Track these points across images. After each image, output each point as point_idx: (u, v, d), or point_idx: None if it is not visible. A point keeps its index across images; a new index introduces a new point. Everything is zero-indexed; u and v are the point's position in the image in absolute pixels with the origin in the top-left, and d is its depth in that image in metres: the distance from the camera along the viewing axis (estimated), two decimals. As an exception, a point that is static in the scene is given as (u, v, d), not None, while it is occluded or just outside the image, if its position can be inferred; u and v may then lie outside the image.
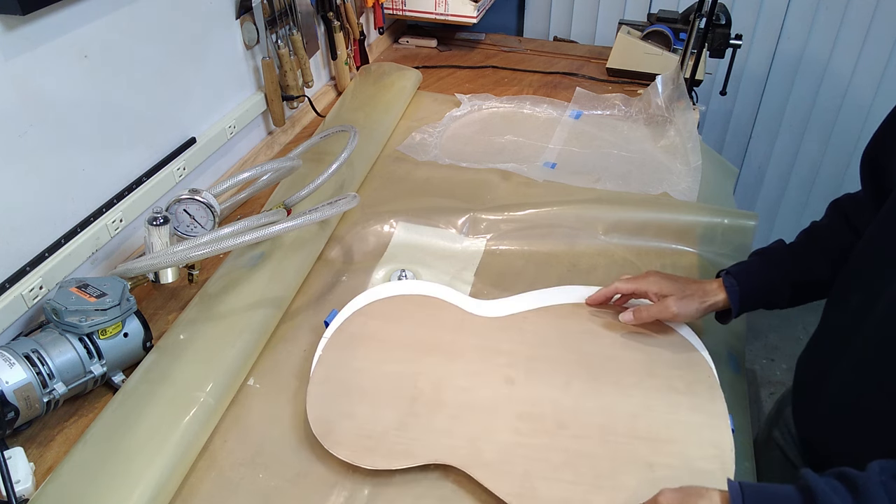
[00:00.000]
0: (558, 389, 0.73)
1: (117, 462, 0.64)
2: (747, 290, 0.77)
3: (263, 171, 0.95)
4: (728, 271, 0.80)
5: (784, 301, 0.80)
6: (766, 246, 0.82)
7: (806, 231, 0.82)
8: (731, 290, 0.78)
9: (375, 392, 0.73)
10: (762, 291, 0.78)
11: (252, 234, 0.78)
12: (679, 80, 1.31)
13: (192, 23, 1.00)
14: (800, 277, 0.78)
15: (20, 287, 0.78)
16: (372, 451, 0.67)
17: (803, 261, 0.79)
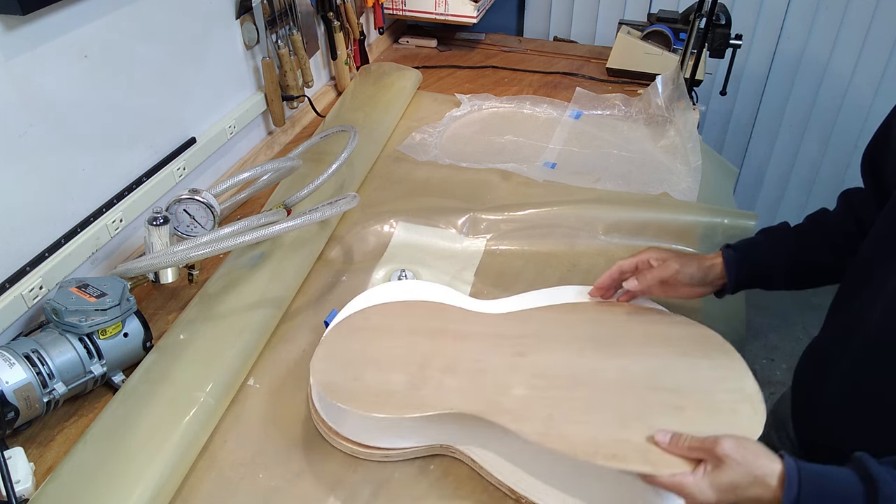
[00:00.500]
0: (573, 355, 0.72)
1: (117, 462, 0.64)
2: (746, 263, 0.77)
3: (263, 171, 0.95)
4: (729, 244, 0.80)
5: (781, 280, 0.79)
6: (772, 226, 0.82)
7: (812, 215, 0.82)
8: (728, 260, 0.78)
9: (383, 362, 0.71)
10: (761, 266, 0.78)
11: (252, 234, 0.78)
12: (679, 80, 1.31)
13: (192, 23, 1.00)
14: (800, 257, 0.78)
15: (20, 287, 0.78)
16: (384, 405, 0.65)
17: (805, 242, 0.79)
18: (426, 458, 0.70)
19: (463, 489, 0.67)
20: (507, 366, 0.71)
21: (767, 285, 0.80)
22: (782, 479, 0.54)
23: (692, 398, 0.66)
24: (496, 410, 0.65)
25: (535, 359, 0.72)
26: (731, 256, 0.78)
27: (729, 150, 2.11)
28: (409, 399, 0.66)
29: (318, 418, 0.72)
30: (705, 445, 0.57)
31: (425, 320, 0.78)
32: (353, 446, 0.69)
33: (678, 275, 0.77)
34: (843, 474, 0.54)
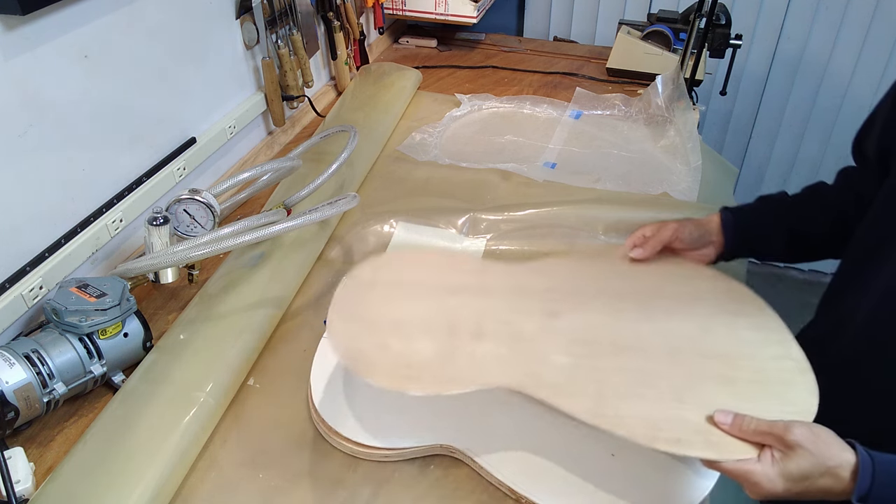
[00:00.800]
0: (607, 317, 0.69)
1: (117, 462, 0.64)
2: (742, 225, 0.78)
3: (263, 171, 0.95)
4: (727, 207, 0.81)
5: (777, 247, 0.79)
6: (770, 193, 0.83)
7: (810, 186, 0.83)
8: (726, 221, 0.78)
9: (406, 326, 0.66)
10: (758, 229, 0.78)
11: (252, 234, 0.78)
12: (679, 80, 1.31)
13: (192, 23, 1.00)
14: (796, 225, 0.78)
15: (20, 287, 0.78)
16: (416, 379, 0.60)
17: (801, 210, 0.79)
18: (426, 458, 0.70)
19: (463, 489, 0.67)
20: (541, 329, 0.66)
21: (763, 251, 0.80)
22: (855, 469, 0.52)
23: (741, 367, 0.63)
24: (538, 384, 0.60)
25: (569, 320, 0.68)
26: (729, 218, 0.78)
27: (729, 150, 2.11)
28: (443, 371, 0.61)
29: (318, 418, 0.72)
30: (774, 431, 0.54)
31: (439, 274, 0.73)
32: (353, 446, 0.69)
33: (679, 233, 0.77)
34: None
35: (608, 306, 0.70)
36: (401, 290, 0.71)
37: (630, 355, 0.64)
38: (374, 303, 0.70)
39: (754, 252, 0.81)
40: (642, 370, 0.63)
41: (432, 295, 0.70)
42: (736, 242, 0.78)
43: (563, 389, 0.60)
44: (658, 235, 0.77)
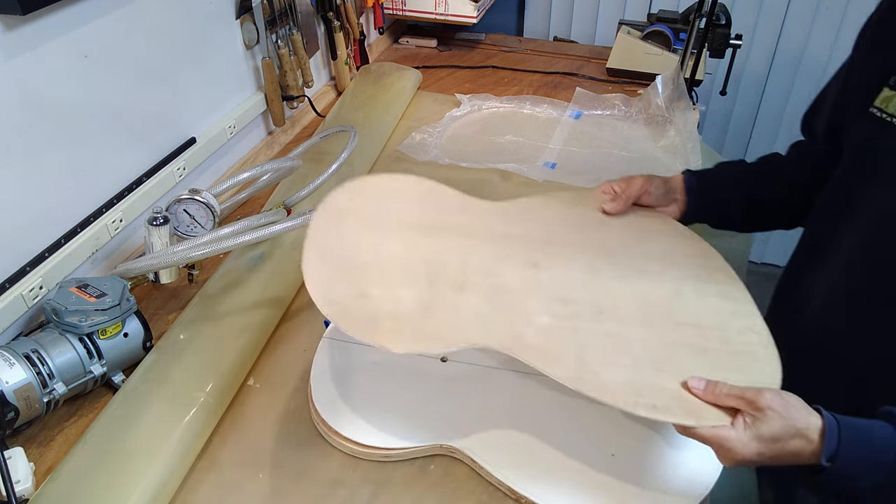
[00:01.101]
0: (585, 273, 0.70)
1: (117, 462, 0.64)
2: (703, 188, 0.81)
3: (263, 171, 0.95)
4: (690, 170, 0.83)
5: (735, 212, 0.82)
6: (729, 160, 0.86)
7: (765, 156, 0.86)
8: (689, 182, 0.81)
9: (385, 271, 0.64)
10: (717, 193, 0.81)
11: (252, 234, 0.78)
12: (679, 80, 1.31)
13: (192, 23, 1.00)
14: (754, 190, 0.81)
15: (20, 287, 0.78)
16: (397, 334, 0.59)
17: (759, 176, 0.82)
18: (426, 458, 0.70)
19: (463, 489, 0.67)
20: (522, 282, 0.66)
21: (723, 215, 0.83)
22: (822, 431, 0.54)
23: (712, 337, 0.64)
24: (520, 346, 0.60)
25: (550, 273, 0.68)
26: (692, 180, 0.81)
27: (729, 150, 2.11)
28: (424, 326, 0.60)
29: (318, 418, 0.72)
30: (746, 396, 0.56)
31: (420, 209, 0.71)
32: (353, 446, 0.69)
33: (647, 187, 0.79)
34: (877, 425, 0.55)
35: (586, 263, 0.70)
36: (380, 223, 0.68)
37: (607, 318, 0.65)
38: (350, 236, 0.66)
39: (714, 215, 0.84)
40: (620, 335, 0.64)
41: (412, 232, 0.68)
42: (698, 204, 0.81)
43: (546, 353, 0.60)
44: (629, 190, 0.79)
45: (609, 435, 0.70)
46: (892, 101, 0.63)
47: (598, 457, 0.68)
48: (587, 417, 0.71)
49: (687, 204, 0.81)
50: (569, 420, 0.71)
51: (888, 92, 0.64)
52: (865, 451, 0.53)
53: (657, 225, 0.79)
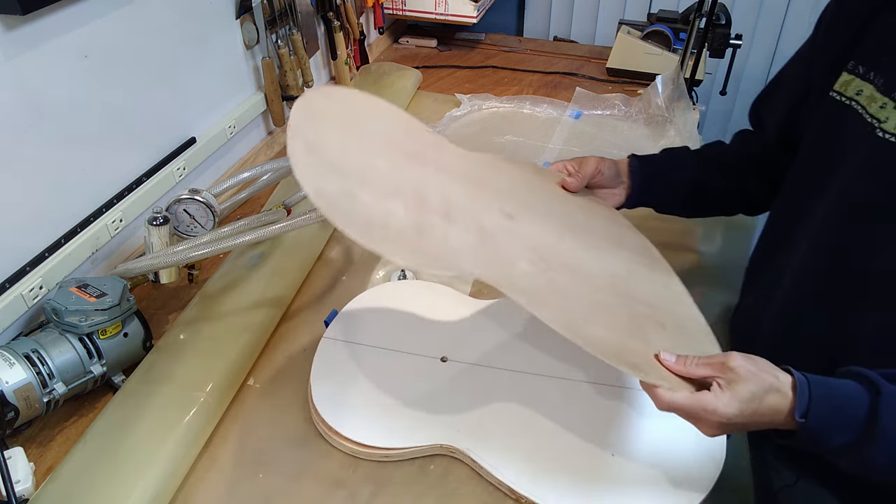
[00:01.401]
0: (554, 239, 0.70)
1: (117, 462, 0.64)
2: (648, 173, 0.83)
3: (263, 171, 0.95)
4: (635, 154, 0.85)
5: (679, 198, 0.85)
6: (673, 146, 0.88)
7: (710, 143, 0.89)
8: (633, 166, 0.83)
9: (374, 181, 0.61)
10: (661, 177, 0.83)
11: (252, 234, 0.78)
12: (679, 80, 1.31)
13: (192, 23, 1.00)
14: (697, 176, 0.84)
15: (20, 287, 0.78)
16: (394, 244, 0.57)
17: (703, 163, 0.84)
18: (426, 458, 0.70)
19: (463, 489, 0.67)
20: (501, 227, 0.66)
21: (666, 200, 0.86)
22: (794, 386, 0.55)
23: (667, 317, 0.66)
24: (510, 284, 0.60)
25: (524, 229, 0.68)
26: (636, 164, 0.83)
27: (729, 150, 2.10)
28: (419, 245, 0.58)
29: (318, 418, 0.72)
30: (715, 361, 0.57)
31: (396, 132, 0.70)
32: (353, 446, 0.69)
33: (600, 167, 0.81)
34: (843, 383, 0.56)
35: (554, 231, 0.71)
36: (359, 135, 0.65)
37: (579, 281, 0.66)
38: (333, 137, 0.62)
39: (657, 200, 0.86)
40: (593, 299, 0.64)
41: (392, 154, 0.66)
42: (642, 188, 0.83)
43: (534, 297, 0.60)
44: (584, 169, 0.81)
45: (609, 435, 0.70)
46: (850, 84, 0.65)
47: (598, 457, 0.68)
48: (587, 417, 0.71)
49: (631, 188, 0.83)
50: (569, 420, 0.71)
51: (847, 76, 0.65)
52: (835, 407, 0.54)
53: (605, 211, 0.82)
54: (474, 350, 0.79)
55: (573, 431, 0.70)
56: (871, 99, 0.62)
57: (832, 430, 0.54)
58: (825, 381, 0.55)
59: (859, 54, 0.65)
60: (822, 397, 0.54)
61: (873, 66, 0.63)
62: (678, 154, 0.86)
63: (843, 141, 0.65)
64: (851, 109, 0.64)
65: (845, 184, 0.64)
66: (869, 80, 0.63)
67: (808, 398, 0.54)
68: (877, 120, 0.61)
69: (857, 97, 0.64)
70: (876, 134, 0.60)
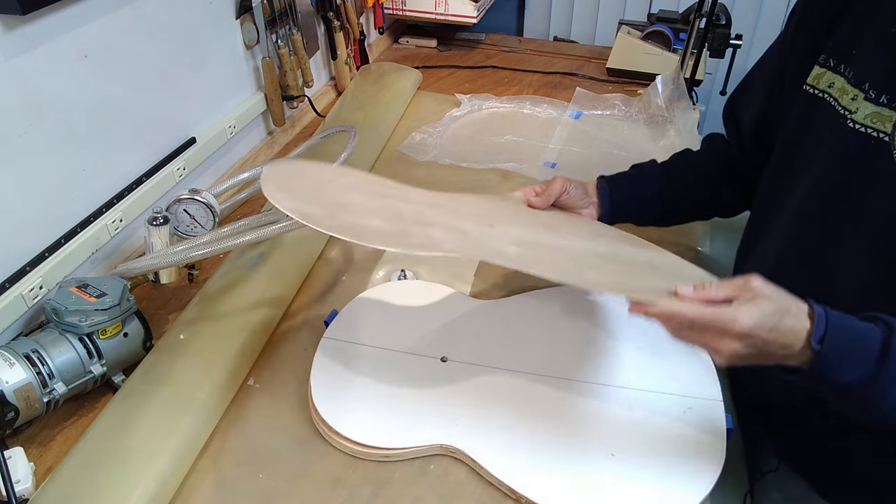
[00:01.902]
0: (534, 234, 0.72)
1: (117, 462, 0.64)
2: (616, 195, 0.83)
3: (263, 171, 0.95)
4: (603, 176, 0.85)
5: (651, 215, 0.86)
6: (642, 162, 0.89)
7: (679, 154, 0.89)
8: (602, 189, 0.83)
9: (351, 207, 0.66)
10: (630, 198, 0.84)
11: (252, 234, 0.78)
12: (679, 80, 1.31)
13: (192, 23, 1.00)
14: (667, 194, 0.85)
15: (20, 287, 0.78)
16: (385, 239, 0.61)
17: (671, 179, 0.85)
18: (426, 458, 0.70)
19: (463, 489, 0.67)
20: (482, 232, 0.68)
21: (638, 217, 0.86)
22: (811, 314, 0.55)
23: (666, 271, 0.67)
24: (501, 256, 0.61)
25: (504, 231, 0.70)
26: (604, 186, 0.84)
27: (729, 150, 2.11)
28: (405, 240, 0.62)
29: (318, 418, 0.72)
30: (735, 282, 0.57)
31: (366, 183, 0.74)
32: (353, 446, 0.69)
33: (566, 187, 0.80)
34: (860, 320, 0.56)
35: (533, 230, 0.72)
36: (329, 185, 0.70)
37: (567, 254, 0.67)
38: (304, 185, 0.67)
39: (630, 218, 0.86)
40: (583, 262, 0.66)
41: (363, 194, 0.69)
42: (612, 209, 0.83)
43: (525, 261, 0.61)
44: (551, 188, 0.80)
45: (609, 435, 0.70)
46: (822, 77, 0.66)
47: (598, 457, 0.68)
48: (587, 417, 0.71)
49: (601, 208, 0.83)
50: (569, 420, 0.71)
51: (818, 69, 0.67)
52: (851, 338, 0.54)
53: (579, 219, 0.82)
54: (474, 350, 0.79)
55: (573, 431, 0.70)
56: (843, 91, 0.63)
57: (845, 362, 0.54)
58: (842, 315, 0.55)
59: (830, 47, 0.66)
60: (839, 327, 0.54)
61: (844, 59, 0.64)
62: (646, 171, 0.86)
63: (815, 133, 0.66)
64: (824, 102, 0.65)
65: (818, 174, 0.65)
66: (840, 73, 0.64)
67: (825, 326, 0.54)
68: (848, 111, 0.62)
69: (830, 90, 0.65)
70: (847, 125, 0.62)
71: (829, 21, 0.66)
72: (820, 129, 0.66)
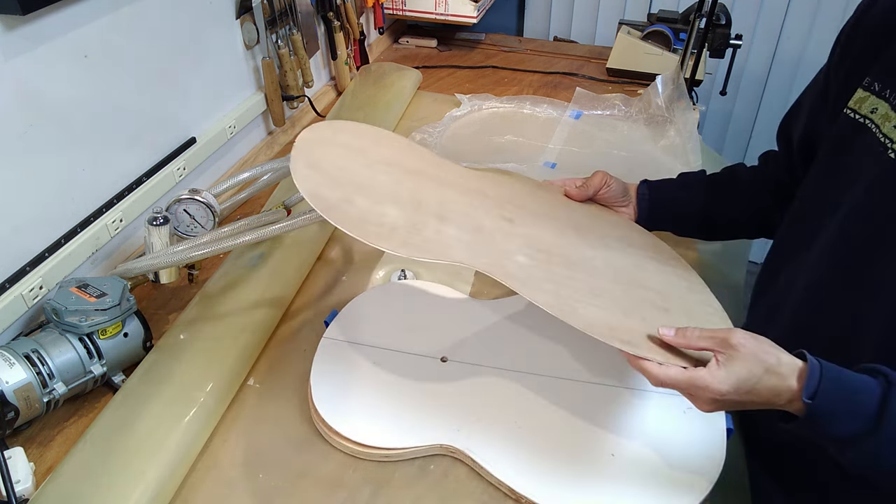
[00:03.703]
0: (556, 237, 0.71)
1: (117, 462, 0.64)
2: (656, 202, 0.83)
3: (263, 172, 0.95)
4: (647, 181, 0.85)
5: (691, 227, 0.86)
6: (690, 171, 0.88)
7: (730, 168, 0.87)
8: (641, 195, 0.83)
9: (370, 190, 0.65)
10: (671, 209, 0.84)
11: (252, 234, 0.78)
12: (679, 80, 1.30)
13: (192, 23, 1.00)
14: (709, 209, 0.84)
15: (20, 287, 0.78)
16: (385, 238, 0.61)
17: (717, 194, 0.84)
18: (426, 458, 0.70)
19: (463, 489, 0.67)
20: (499, 229, 0.68)
21: (677, 228, 0.86)
22: (802, 370, 0.54)
23: (673, 302, 0.67)
24: (503, 272, 0.61)
25: (524, 230, 0.69)
26: (645, 192, 0.83)
27: (729, 150, 2.11)
28: (411, 238, 0.61)
29: (318, 418, 0.72)
30: (717, 335, 0.56)
31: (402, 155, 0.74)
32: (353, 446, 0.69)
33: (607, 181, 0.81)
34: (858, 374, 0.55)
35: (557, 230, 0.72)
36: (362, 157, 0.70)
37: (579, 270, 0.67)
38: (335, 159, 0.67)
39: (669, 227, 0.86)
40: (591, 285, 0.66)
41: (393, 171, 0.70)
42: (649, 216, 0.83)
43: (525, 283, 0.62)
44: (590, 181, 0.81)
45: (609, 435, 0.70)
46: (864, 102, 0.63)
47: (598, 457, 0.68)
48: (587, 417, 0.71)
49: (638, 213, 0.83)
50: (569, 420, 0.71)
51: (861, 93, 0.64)
52: (845, 392, 0.53)
53: (614, 217, 0.83)
54: (474, 350, 0.79)
55: (573, 431, 0.70)
56: (886, 118, 0.60)
57: (839, 417, 0.53)
58: (837, 368, 0.54)
59: (875, 71, 0.63)
60: (832, 380, 0.53)
61: (890, 84, 0.61)
62: (690, 184, 0.84)
63: (854, 160, 0.63)
64: (865, 128, 0.62)
65: (855, 204, 0.63)
66: (885, 98, 0.61)
67: (819, 380, 0.53)
68: (890, 140, 0.59)
69: (872, 115, 0.62)
70: (888, 155, 0.59)
71: (876, 43, 0.63)
72: (858, 157, 0.63)
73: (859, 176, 0.62)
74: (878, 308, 0.60)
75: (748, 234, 0.87)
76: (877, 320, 0.61)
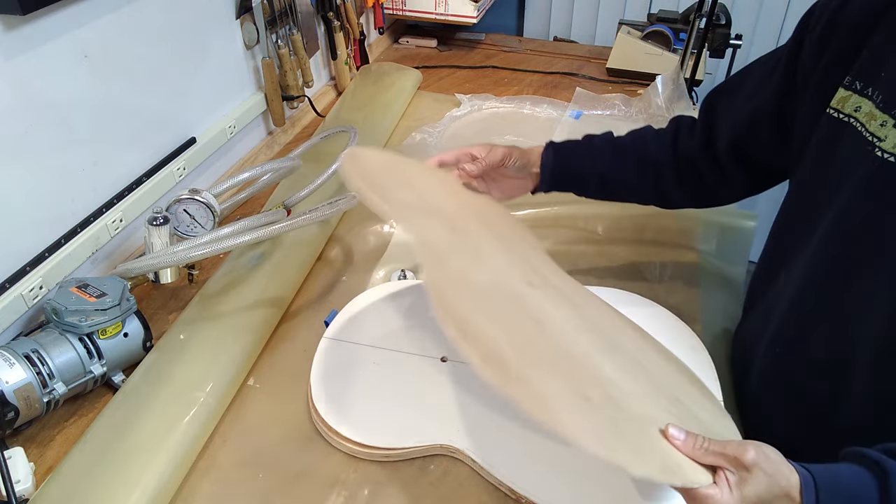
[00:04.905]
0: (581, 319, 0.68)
1: (117, 462, 0.64)
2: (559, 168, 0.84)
3: (263, 171, 0.95)
4: (553, 144, 0.85)
5: (589, 190, 0.86)
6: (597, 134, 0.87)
7: (636, 132, 0.87)
8: (545, 161, 0.83)
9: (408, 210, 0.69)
10: (572, 172, 0.84)
11: (252, 234, 0.78)
12: (679, 80, 1.31)
13: (192, 23, 1.00)
14: (609, 173, 0.84)
15: (20, 287, 0.78)
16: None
17: (619, 159, 0.84)
18: (426, 458, 0.70)
19: (463, 489, 0.67)
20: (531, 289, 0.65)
21: (578, 193, 0.86)
22: (800, 488, 0.52)
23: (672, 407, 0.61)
24: None
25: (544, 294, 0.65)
26: (549, 159, 0.83)
27: (729, 150, 2.10)
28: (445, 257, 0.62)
29: (318, 418, 0.72)
30: (728, 452, 0.53)
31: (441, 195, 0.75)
32: (353, 446, 0.69)
33: (507, 158, 0.80)
34: (850, 469, 0.53)
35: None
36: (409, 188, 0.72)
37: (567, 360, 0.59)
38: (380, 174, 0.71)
39: (568, 191, 0.86)
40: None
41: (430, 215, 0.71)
42: (551, 180, 0.84)
43: None
44: (490, 156, 0.80)
45: (609, 435, 0.69)
46: (847, 101, 0.62)
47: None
48: (587, 417, 0.71)
49: (540, 178, 0.84)
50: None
51: (843, 92, 0.62)
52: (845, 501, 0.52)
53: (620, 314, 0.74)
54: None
55: None
56: (871, 116, 0.59)
57: None
58: (831, 474, 0.52)
59: (856, 69, 0.62)
60: (830, 491, 0.51)
61: (872, 82, 0.60)
62: (595, 148, 0.85)
63: (841, 160, 0.63)
64: (850, 127, 0.61)
65: (844, 204, 0.62)
66: (868, 97, 0.60)
67: (815, 497, 0.51)
68: (877, 138, 0.58)
69: (856, 114, 0.61)
70: (875, 153, 0.58)
71: (855, 40, 0.62)
72: (845, 157, 0.62)
73: (848, 175, 0.62)
74: (874, 306, 0.60)
75: (646, 200, 0.87)
76: (874, 319, 0.61)
